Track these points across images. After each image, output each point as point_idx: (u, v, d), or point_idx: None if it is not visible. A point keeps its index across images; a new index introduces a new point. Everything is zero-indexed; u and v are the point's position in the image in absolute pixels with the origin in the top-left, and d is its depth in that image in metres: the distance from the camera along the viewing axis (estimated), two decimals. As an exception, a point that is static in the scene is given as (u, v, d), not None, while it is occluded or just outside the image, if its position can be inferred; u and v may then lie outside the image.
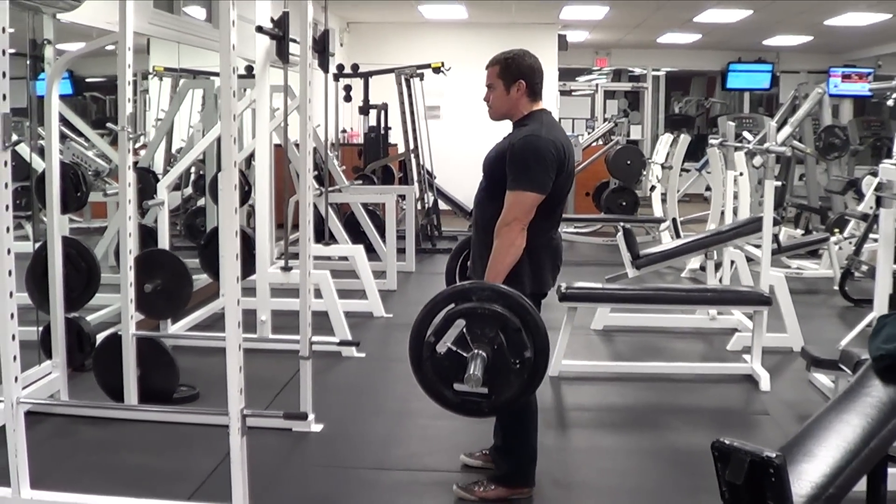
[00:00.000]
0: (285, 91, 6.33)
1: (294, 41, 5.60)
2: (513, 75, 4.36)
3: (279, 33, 5.69)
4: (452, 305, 3.83)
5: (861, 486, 3.33)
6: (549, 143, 4.20)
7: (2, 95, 3.75)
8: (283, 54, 5.78)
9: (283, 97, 7.05)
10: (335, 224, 9.45)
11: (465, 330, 3.73)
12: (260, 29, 5.75)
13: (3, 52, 3.76)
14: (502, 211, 4.19)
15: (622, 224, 7.91)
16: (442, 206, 13.11)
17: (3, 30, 3.77)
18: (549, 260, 4.39)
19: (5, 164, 3.81)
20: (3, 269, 3.88)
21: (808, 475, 3.11)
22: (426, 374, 3.87)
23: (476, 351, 3.69)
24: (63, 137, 7.60)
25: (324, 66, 6.67)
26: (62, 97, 7.51)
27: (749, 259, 8.30)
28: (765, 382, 6.31)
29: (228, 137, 3.72)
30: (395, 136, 13.10)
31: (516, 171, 4.18)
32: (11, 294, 3.91)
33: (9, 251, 3.88)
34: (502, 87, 4.39)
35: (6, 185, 3.83)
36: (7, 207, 3.86)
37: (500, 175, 4.25)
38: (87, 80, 8.43)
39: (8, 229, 3.86)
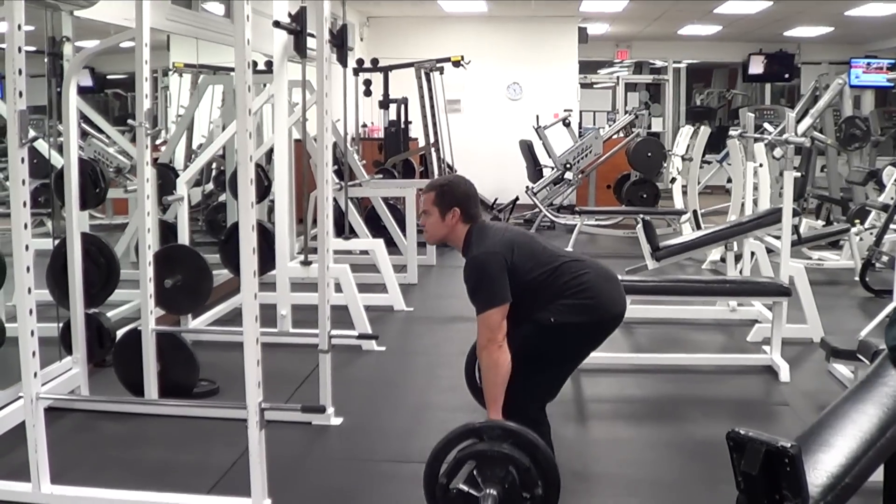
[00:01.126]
0: (303, 86, 6.34)
1: (312, 36, 5.61)
2: (447, 203, 4.42)
3: (297, 28, 5.71)
4: (465, 444, 3.88)
5: (879, 475, 3.33)
6: (486, 255, 4.26)
7: (18, 93, 3.78)
8: (300, 49, 5.80)
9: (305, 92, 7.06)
10: (355, 218, 9.47)
11: (475, 471, 3.77)
12: (277, 24, 5.78)
13: (20, 50, 3.79)
14: (477, 334, 4.27)
15: (642, 216, 7.89)
16: (463, 199, 13.09)
17: (20, 27, 3.80)
18: (577, 304, 4.36)
19: (22, 160, 3.84)
20: (21, 266, 3.92)
21: (823, 465, 3.10)
22: None
23: (487, 491, 3.73)
24: (84, 134, 7.65)
25: (342, 60, 6.69)
26: (84, 94, 7.56)
27: (769, 250, 8.27)
28: (784, 373, 6.29)
29: (244, 132, 3.73)
30: (416, 131, 13.10)
31: (472, 297, 4.27)
32: (30, 290, 3.95)
33: (27, 247, 3.91)
34: (438, 214, 4.45)
35: (24, 182, 3.86)
36: (25, 204, 3.89)
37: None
38: (109, 76, 8.46)
39: (26, 226, 3.90)
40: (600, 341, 4.52)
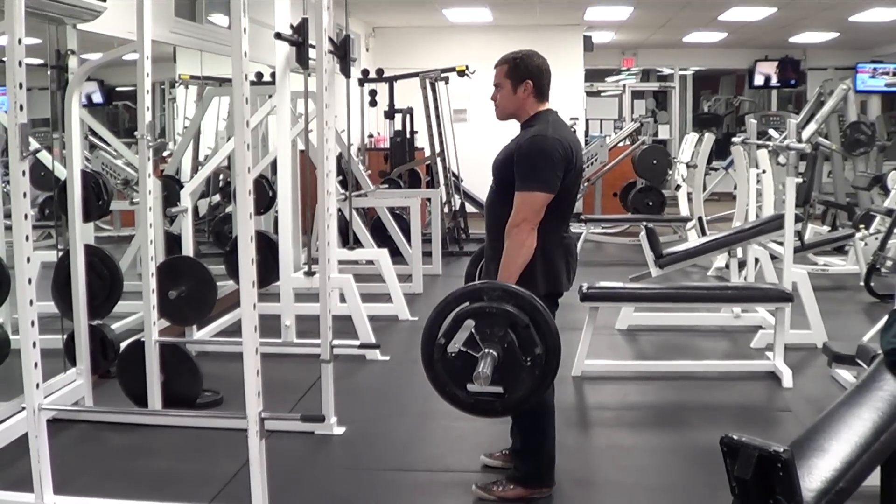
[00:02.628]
0: (305, 97, 6.37)
1: (314, 47, 5.64)
2: (520, 75, 4.40)
3: (298, 39, 5.73)
4: (464, 305, 3.85)
5: (875, 479, 3.34)
6: (556, 141, 4.21)
7: (19, 106, 3.81)
8: (302, 60, 5.82)
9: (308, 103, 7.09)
10: (360, 228, 9.49)
11: (473, 330, 3.76)
12: (279, 36, 5.80)
13: (20, 64, 3.81)
14: (511, 212, 4.21)
15: (645, 224, 7.91)
16: (469, 208, 13.11)
17: (20, 41, 3.83)
18: (562, 259, 4.38)
19: (23, 173, 3.86)
20: (23, 278, 3.94)
21: (818, 469, 3.11)
22: (438, 376, 3.89)
23: (486, 350, 3.70)
24: (92, 147, 7.68)
25: (345, 71, 6.72)
26: (94, 107, 7.59)
27: (773, 256, 8.28)
28: (787, 379, 6.30)
29: (242, 144, 3.75)
30: (422, 140, 13.11)
31: (524, 172, 4.21)
32: (32, 302, 3.97)
33: (29, 260, 3.94)
34: (509, 87, 4.43)
35: (25, 195, 3.89)
36: (26, 216, 3.91)
37: (509, 177, 4.28)
38: (118, 88, 8.49)
39: (27, 238, 3.92)
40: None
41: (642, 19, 15.04)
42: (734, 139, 10.08)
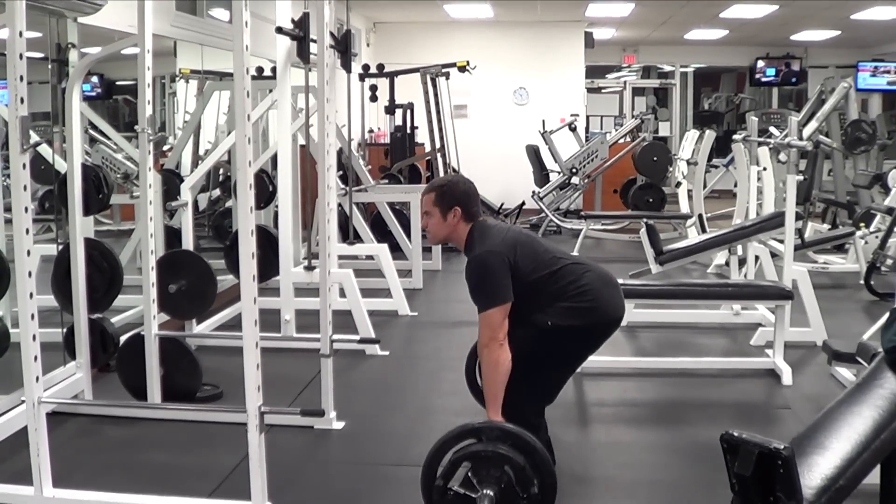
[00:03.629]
0: (306, 92, 6.36)
1: (315, 42, 5.63)
2: (448, 203, 4.49)
3: (299, 34, 5.73)
4: (462, 444, 3.90)
5: (875, 477, 3.34)
6: (487, 254, 4.34)
7: (19, 99, 3.80)
8: (303, 55, 5.82)
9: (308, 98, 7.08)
10: (360, 223, 9.49)
11: (469, 473, 3.79)
12: (280, 30, 5.79)
13: (21, 56, 3.81)
14: (478, 333, 4.32)
15: (645, 220, 7.91)
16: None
17: (21, 34, 3.82)
18: (589, 293, 4.41)
19: (24, 166, 3.86)
20: (23, 271, 3.94)
21: (818, 467, 3.11)
22: None
23: (483, 492, 3.75)
24: (92, 141, 7.67)
25: (346, 66, 6.71)
26: (94, 100, 7.58)
27: (774, 254, 8.28)
28: (787, 377, 6.30)
29: (243, 138, 3.75)
30: (422, 136, 13.11)
31: (474, 295, 4.35)
32: (32, 295, 3.97)
33: (29, 253, 3.94)
34: (439, 215, 4.53)
35: (25, 188, 3.89)
36: (26, 209, 3.91)
37: None
38: (118, 83, 8.48)
39: (27, 231, 3.92)
40: (598, 345, 4.58)
41: (643, 16, 15.03)
42: (735, 136, 10.07)
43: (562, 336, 4.35)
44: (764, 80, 19.57)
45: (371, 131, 14.35)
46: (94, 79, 7.89)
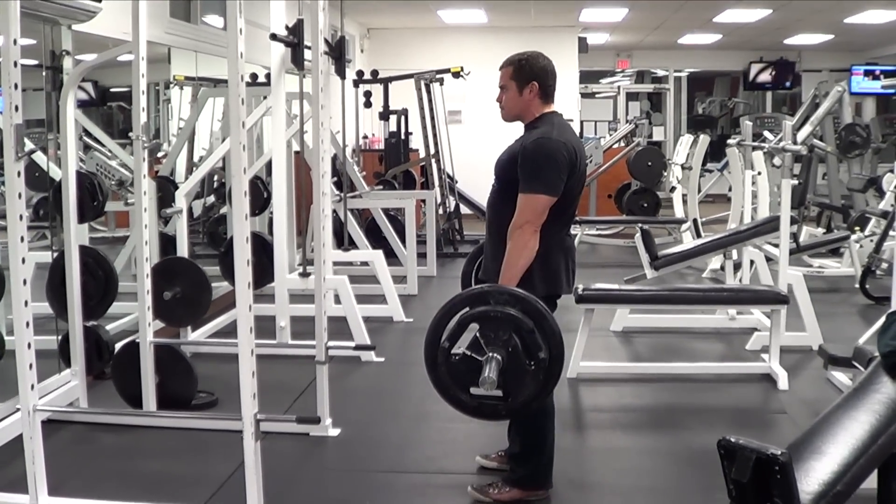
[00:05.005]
0: (301, 98, 6.37)
1: (309, 48, 5.63)
2: (526, 77, 4.37)
3: (294, 41, 5.73)
4: (468, 309, 3.85)
5: (872, 482, 3.33)
6: (560, 144, 4.21)
7: (14, 107, 3.79)
8: (297, 62, 5.82)
9: (303, 104, 7.07)
10: (355, 229, 9.48)
11: (478, 334, 3.75)
12: (274, 37, 5.79)
13: (15, 64, 3.80)
14: (514, 212, 4.21)
15: (640, 225, 7.91)
16: (464, 209, 13.10)
17: (15, 41, 3.81)
18: (562, 261, 4.39)
19: (18, 174, 3.85)
20: (17, 279, 3.93)
21: (815, 472, 3.10)
22: (442, 379, 3.88)
23: (490, 354, 3.70)
24: (87, 148, 7.66)
25: (340, 72, 6.70)
26: (88, 107, 7.57)
27: (769, 258, 8.28)
28: (783, 381, 6.30)
29: (237, 145, 3.74)
30: (416, 142, 13.11)
31: (528, 174, 4.20)
32: (27, 303, 3.96)
33: (24, 260, 3.93)
34: (515, 89, 4.40)
35: (20, 196, 3.88)
36: (21, 217, 3.90)
37: (512, 177, 4.28)
38: (112, 89, 8.47)
39: (22, 238, 3.91)
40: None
41: (637, 21, 15.06)
42: (729, 141, 10.10)
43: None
44: (760, 81, 19.58)
45: (365, 137, 14.33)
46: (88, 86, 7.88)
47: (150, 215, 5.50)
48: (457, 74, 12.26)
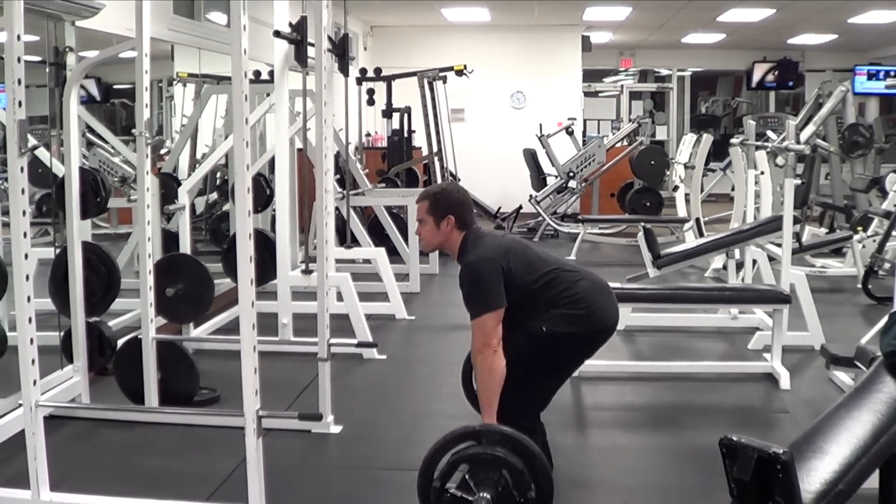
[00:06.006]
0: (304, 95, 6.37)
1: (312, 45, 5.63)
2: (442, 211, 4.51)
3: (297, 38, 5.73)
4: (461, 446, 3.88)
5: (874, 482, 3.33)
6: (479, 261, 4.35)
7: (17, 102, 3.80)
8: (301, 59, 5.82)
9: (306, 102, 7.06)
10: (357, 227, 9.48)
11: (468, 476, 3.78)
12: (278, 34, 5.79)
13: (19, 60, 3.81)
14: (472, 339, 4.33)
15: (643, 224, 7.90)
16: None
17: (19, 38, 3.82)
18: (567, 320, 4.39)
19: (21, 170, 3.85)
20: (20, 274, 3.93)
21: (817, 471, 3.10)
22: None
23: (480, 495, 3.74)
24: (90, 144, 7.67)
25: (343, 69, 6.70)
26: (91, 104, 7.57)
27: (771, 258, 8.27)
28: (785, 381, 6.29)
29: (241, 141, 3.75)
30: (419, 139, 13.11)
31: (467, 302, 4.35)
32: (29, 298, 3.96)
33: (26, 256, 3.93)
34: (432, 223, 4.54)
35: (23, 191, 3.88)
36: (24, 213, 3.90)
37: None
38: (115, 86, 8.47)
39: (25, 234, 3.91)
40: (592, 352, 4.60)
41: (641, 20, 15.04)
42: (732, 140, 10.08)
43: (556, 342, 4.35)
44: (763, 80, 19.57)
45: (368, 135, 14.34)
46: (91, 82, 7.89)
47: (153, 212, 5.51)
48: (460, 72, 12.26)
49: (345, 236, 8.96)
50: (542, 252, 4.61)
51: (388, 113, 12.87)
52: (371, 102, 12.53)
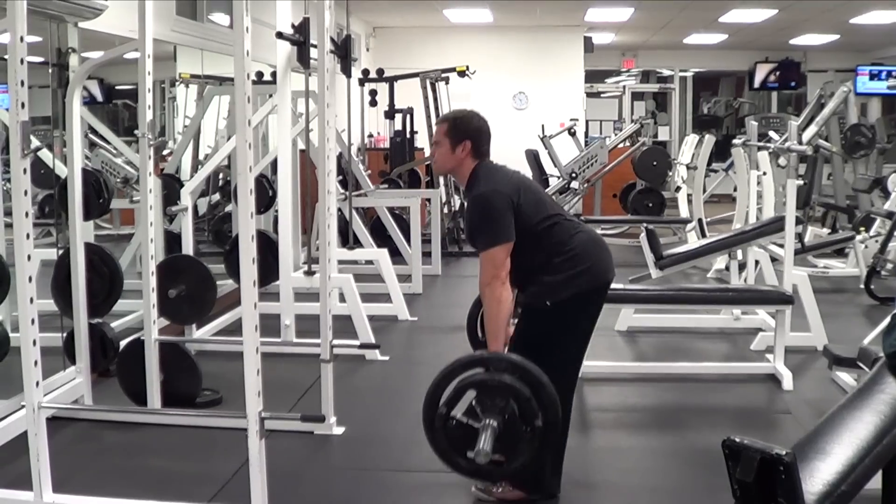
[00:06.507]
0: (306, 96, 6.37)
1: (315, 46, 5.63)
2: (460, 135, 4.46)
3: (300, 39, 5.73)
4: (467, 373, 3.93)
5: (877, 482, 3.33)
6: (490, 193, 4.32)
7: (20, 104, 3.80)
8: (303, 60, 5.82)
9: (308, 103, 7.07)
10: (360, 228, 9.48)
11: (474, 402, 3.81)
12: (280, 35, 5.79)
13: (22, 61, 3.81)
14: (480, 272, 4.31)
15: (645, 225, 7.90)
16: (468, 209, 13.06)
17: (22, 38, 3.82)
18: (568, 265, 4.37)
19: (24, 171, 3.86)
20: (23, 275, 3.93)
21: (820, 473, 3.10)
22: (440, 442, 3.96)
23: (486, 421, 3.76)
24: (92, 145, 7.67)
25: (346, 70, 6.71)
26: (93, 104, 7.57)
27: (774, 259, 8.27)
28: (787, 381, 6.29)
29: (243, 143, 3.75)
30: (422, 140, 13.10)
31: (476, 234, 4.35)
32: (32, 300, 3.96)
33: (29, 258, 3.93)
34: (448, 146, 4.49)
35: (25, 192, 3.88)
36: (27, 214, 3.91)
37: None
38: (118, 87, 8.48)
39: (28, 236, 3.91)
40: (596, 311, 4.51)
41: (643, 20, 15.04)
42: (734, 141, 10.06)
43: (562, 311, 4.32)
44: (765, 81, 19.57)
45: (371, 136, 14.33)
46: (94, 83, 7.89)
47: (156, 213, 5.50)
48: (462, 73, 12.26)
49: (347, 237, 8.97)
50: (548, 196, 4.63)
51: (390, 114, 12.87)
52: (373, 103, 12.53)
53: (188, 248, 6.87)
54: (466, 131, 4.46)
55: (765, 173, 9.19)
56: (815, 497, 2.97)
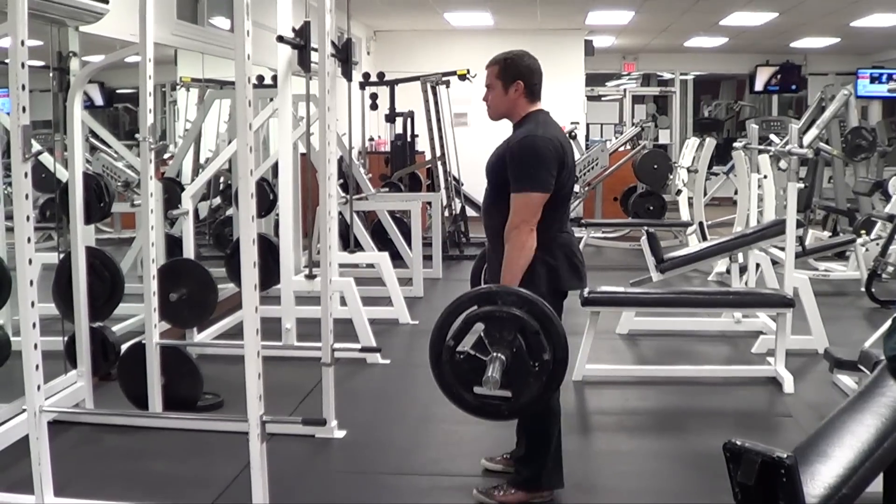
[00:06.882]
0: (307, 100, 6.38)
1: (316, 50, 5.64)
2: (511, 76, 4.38)
3: (300, 43, 5.73)
4: (475, 307, 3.87)
5: (878, 485, 3.33)
6: (546, 141, 4.23)
7: (21, 108, 3.80)
8: (304, 64, 5.82)
9: (309, 106, 7.06)
10: (361, 231, 9.48)
11: (482, 334, 3.76)
12: (281, 39, 5.79)
13: (23, 65, 3.81)
14: (509, 214, 4.22)
15: (646, 228, 7.90)
16: (470, 212, 13.09)
17: (23, 42, 3.82)
18: (563, 257, 4.37)
19: (25, 175, 3.86)
20: (24, 279, 3.93)
21: (821, 476, 3.10)
22: (445, 377, 3.91)
23: (495, 354, 3.71)
24: (93, 149, 7.68)
25: (347, 74, 6.71)
26: (94, 108, 7.58)
27: (775, 262, 8.27)
28: (788, 385, 6.29)
29: (244, 147, 3.74)
30: (422, 144, 13.10)
31: (518, 174, 4.22)
32: (33, 304, 3.96)
33: (30, 261, 3.93)
34: (501, 88, 4.41)
35: (27, 196, 3.88)
36: (28, 218, 3.91)
37: (502, 179, 4.29)
38: (119, 91, 8.48)
39: (29, 239, 3.91)
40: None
41: (643, 24, 15.05)
42: (735, 144, 10.07)
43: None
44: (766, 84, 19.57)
45: (371, 139, 14.34)
46: (95, 87, 7.89)
47: (157, 217, 5.50)
48: (463, 77, 12.25)
49: (348, 241, 8.96)
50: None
51: (391, 117, 12.86)
52: (374, 107, 12.52)
53: (189, 251, 6.87)
54: (518, 71, 4.39)
55: (765, 176, 9.18)
56: (816, 500, 2.98)
